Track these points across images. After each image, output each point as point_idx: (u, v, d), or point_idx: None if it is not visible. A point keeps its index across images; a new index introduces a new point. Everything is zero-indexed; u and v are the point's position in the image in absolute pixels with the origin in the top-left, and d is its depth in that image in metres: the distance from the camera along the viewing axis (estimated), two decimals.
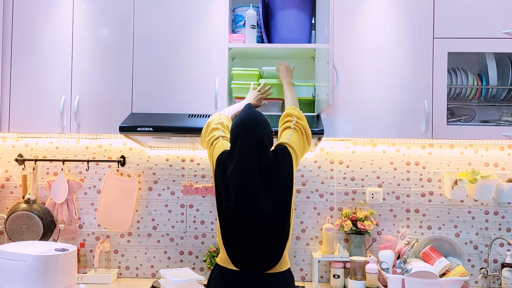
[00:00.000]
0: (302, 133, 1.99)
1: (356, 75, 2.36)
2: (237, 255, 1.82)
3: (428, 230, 2.65)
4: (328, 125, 2.35)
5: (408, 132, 2.35)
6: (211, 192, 2.70)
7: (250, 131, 1.82)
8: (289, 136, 1.95)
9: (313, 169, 2.69)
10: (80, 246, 2.66)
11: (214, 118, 2.05)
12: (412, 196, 2.67)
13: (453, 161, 2.66)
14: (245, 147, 1.80)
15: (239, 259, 1.82)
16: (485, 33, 2.33)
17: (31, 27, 2.47)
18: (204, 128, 2.05)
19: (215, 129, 2.00)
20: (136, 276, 2.72)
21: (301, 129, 1.99)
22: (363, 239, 2.55)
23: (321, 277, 2.65)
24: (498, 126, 2.38)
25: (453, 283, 2.29)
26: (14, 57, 2.47)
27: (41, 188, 2.75)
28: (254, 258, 1.81)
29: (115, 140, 2.74)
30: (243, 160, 1.79)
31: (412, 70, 2.35)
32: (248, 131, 1.82)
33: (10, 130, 2.46)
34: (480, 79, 2.48)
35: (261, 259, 1.81)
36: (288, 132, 1.97)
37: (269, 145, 1.86)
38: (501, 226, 2.63)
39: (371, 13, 2.37)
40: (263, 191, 1.78)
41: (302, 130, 1.99)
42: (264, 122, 1.86)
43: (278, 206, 1.81)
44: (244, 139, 1.81)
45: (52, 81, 2.45)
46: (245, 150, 1.79)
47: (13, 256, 2.11)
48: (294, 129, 1.97)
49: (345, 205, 2.68)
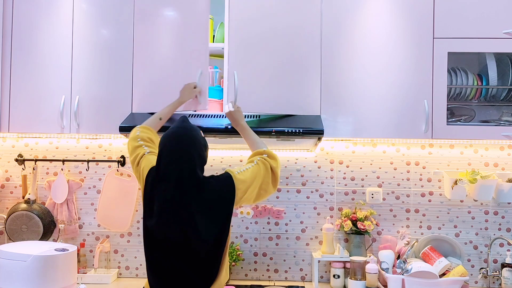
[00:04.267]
0: (267, 171, 1.84)
1: (356, 75, 2.37)
2: (161, 279, 1.68)
3: (428, 230, 2.65)
4: (328, 125, 2.35)
5: (408, 132, 2.35)
6: None
7: (178, 148, 1.68)
8: (244, 168, 1.81)
9: (313, 169, 2.70)
10: (80, 246, 2.66)
11: (132, 135, 1.92)
12: (412, 196, 2.67)
13: (453, 161, 2.66)
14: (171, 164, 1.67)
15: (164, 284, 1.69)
16: (485, 33, 2.34)
17: (31, 27, 2.47)
18: (128, 150, 1.92)
19: (137, 146, 1.88)
20: (136, 276, 2.72)
21: (268, 166, 1.85)
22: (363, 239, 2.55)
23: (321, 277, 2.65)
24: (498, 126, 2.38)
25: (453, 283, 2.30)
26: (14, 57, 2.47)
27: (41, 188, 2.75)
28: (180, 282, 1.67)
29: (115, 140, 2.74)
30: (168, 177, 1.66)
31: (412, 70, 2.35)
32: (176, 147, 1.68)
33: (10, 130, 2.46)
34: (480, 79, 2.48)
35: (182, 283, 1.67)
36: (246, 166, 1.84)
37: (199, 164, 1.71)
38: (501, 226, 2.63)
39: (371, 13, 2.37)
40: (188, 214, 1.64)
41: (269, 167, 1.85)
42: (193, 138, 1.71)
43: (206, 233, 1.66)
44: (170, 157, 1.68)
45: (52, 81, 2.45)
46: (170, 168, 1.67)
47: (13, 256, 2.11)
48: (256, 164, 1.83)
49: (345, 205, 2.68)
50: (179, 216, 1.65)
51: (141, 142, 1.89)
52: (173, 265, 1.67)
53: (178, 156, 1.67)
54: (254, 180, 1.80)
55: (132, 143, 1.91)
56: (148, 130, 1.97)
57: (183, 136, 1.70)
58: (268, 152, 1.90)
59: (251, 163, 1.86)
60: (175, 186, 1.65)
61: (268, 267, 2.69)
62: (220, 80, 2.51)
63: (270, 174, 1.87)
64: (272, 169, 1.87)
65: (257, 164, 1.85)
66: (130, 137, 1.95)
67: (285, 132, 2.21)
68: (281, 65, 2.37)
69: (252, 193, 1.81)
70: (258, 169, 1.83)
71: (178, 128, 1.73)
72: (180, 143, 1.69)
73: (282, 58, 2.38)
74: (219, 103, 2.42)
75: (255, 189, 1.81)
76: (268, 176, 1.86)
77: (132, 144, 1.91)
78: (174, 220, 1.65)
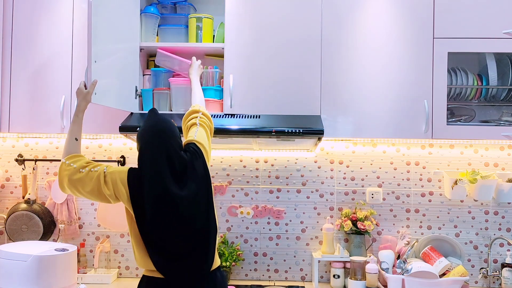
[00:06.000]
0: (206, 130, 1.98)
1: (356, 75, 2.37)
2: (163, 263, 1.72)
3: (428, 230, 2.65)
4: (328, 125, 2.35)
5: (408, 132, 2.35)
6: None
7: (157, 143, 1.75)
8: (196, 132, 1.93)
9: (313, 169, 2.70)
10: (80, 246, 2.66)
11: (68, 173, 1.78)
12: (412, 196, 2.67)
13: (453, 161, 2.66)
14: (154, 159, 1.73)
15: (167, 266, 1.72)
16: (485, 33, 2.34)
17: (31, 27, 2.47)
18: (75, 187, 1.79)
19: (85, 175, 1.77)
20: (136, 276, 2.72)
21: (207, 125, 2.00)
22: (363, 239, 2.55)
23: (321, 277, 2.65)
24: (498, 126, 2.38)
25: (453, 283, 2.30)
26: (14, 57, 2.47)
27: (41, 188, 2.75)
28: (183, 263, 1.72)
29: (115, 140, 2.74)
30: (154, 169, 1.72)
31: (412, 70, 2.35)
32: (155, 142, 1.75)
33: (10, 130, 2.46)
34: (480, 79, 2.48)
35: (190, 262, 1.73)
36: (194, 129, 1.95)
37: (179, 148, 1.80)
38: (501, 226, 2.63)
39: (371, 13, 2.37)
40: (181, 194, 1.72)
41: (207, 127, 1.99)
42: (170, 130, 1.78)
43: (199, 204, 1.76)
44: (152, 153, 1.74)
45: (52, 81, 2.45)
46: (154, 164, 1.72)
47: (13, 256, 2.11)
48: (200, 125, 1.97)
49: (345, 205, 2.68)
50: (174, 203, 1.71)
51: (84, 170, 1.78)
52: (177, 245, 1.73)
53: (159, 150, 1.74)
54: (206, 141, 1.95)
55: (77, 177, 1.77)
56: (76, 157, 1.83)
57: (159, 132, 1.77)
58: (203, 111, 2.03)
59: (194, 125, 1.98)
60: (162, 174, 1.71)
61: (268, 267, 2.69)
62: (220, 80, 2.51)
63: (209, 133, 2.01)
64: (210, 128, 2.03)
65: (201, 126, 1.98)
66: (67, 174, 1.78)
67: (285, 132, 2.21)
68: (281, 65, 2.38)
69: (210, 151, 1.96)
70: (204, 130, 1.98)
71: (155, 122, 1.79)
72: (160, 137, 1.76)
73: (282, 58, 2.38)
74: (219, 103, 2.42)
75: (210, 147, 1.97)
76: (209, 135, 2.01)
77: (77, 178, 1.77)
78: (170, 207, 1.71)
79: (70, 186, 1.78)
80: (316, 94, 2.37)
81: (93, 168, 1.78)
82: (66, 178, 1.78)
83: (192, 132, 1.94)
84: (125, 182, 1.74)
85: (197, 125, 1.97)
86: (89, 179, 1.76)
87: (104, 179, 1.75)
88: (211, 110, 2.41)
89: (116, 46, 2.23)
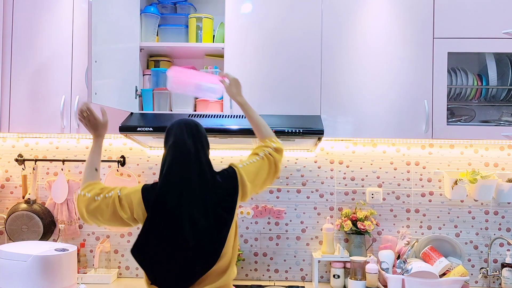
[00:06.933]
0: (270, 166, 1.82)
1: (356, 75, 2.37)
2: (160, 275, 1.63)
3: (428, 230, 2.65)
4: (328, 125, 2.35)
5: (408, 132, 2.35)
6: None
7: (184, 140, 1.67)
8: (248, 162, 1.78)
9: (313, 169, 2.70)
10: (80, 246, 2.66)
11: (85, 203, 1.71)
12: (412, 196, 2.67)
13: (453, 161, 2.66)
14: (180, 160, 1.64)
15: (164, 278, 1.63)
16: (485, 33, 2.34)
17: (31, 27, 2.47)
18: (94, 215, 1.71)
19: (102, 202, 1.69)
20: (136, 276, 2.72)
21: (272, 162, 1.82)
22: (363, 239, 2.55)
23: (321, 277, 2.65)
24: (498, 126, 2.38)
25: (453, 283, 2.29)
26: (14, 57, 2.47)
27: (41, 188, 2.75)
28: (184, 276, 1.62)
29: (115, 140, 2.74)
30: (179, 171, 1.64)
31: (412, 70, 2.35)
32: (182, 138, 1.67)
33: (10, 130, 2.46)
34: (480, 79, 2.48)
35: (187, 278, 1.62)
36: (251, 158, 1.81)
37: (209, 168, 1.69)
38: (501, 226, 2.63)
39: (371, 13, 2.37)
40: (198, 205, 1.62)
41: (273, 163, 1.82)
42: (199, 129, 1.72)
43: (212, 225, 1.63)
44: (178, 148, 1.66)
45: (52, 81, 2.45)
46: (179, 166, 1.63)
47: (13, 256, 2.11)
48: (261, 158, 1.81)
49: (345, 205, 2.68)
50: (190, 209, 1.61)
51: (99, 197, 1.70)
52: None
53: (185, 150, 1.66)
54: (256, 176, 1.78)
55: (93, 207, 1.70)
56: (91, 185, 1.76)
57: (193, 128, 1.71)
58: (276, 142, 1.86)
59: (256, 155, 1.82)
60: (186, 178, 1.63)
61: (268, 267, 2.69)
62: None
63: (273, 169, 1.84)
64: (276, 163, 1.84)
65: (263, 159, 1.81)
66: (84, 205, 1.71)
67: (285, 132, 2.21)
68: (281, 65, 2.38)
69: (254, 188, 1.79)
70: (263, 164, 1.80)
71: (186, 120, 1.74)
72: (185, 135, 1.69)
73: (282, 58, 2.38)
74: (219, 103, 2.42)
75: (257, 184, 1.80)
76: (271, 171, 1.83)
77: (94, 207, 1.70)
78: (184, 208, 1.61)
79: (90, 216, 1.70)
80: (316, 94, 2.37)
81: (107, 194, 1.70)
82: (84, 210, 1.71)
83: (248, 159, 1.80)
84: (140, 201, 1.67)
85: (258, 155, 1.81)
86: (105, 206, 1.68)
87: (119, 202, 1.68)
88: (211, 110, 2.42)
89: (116, 46, 2.23)
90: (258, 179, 1.79)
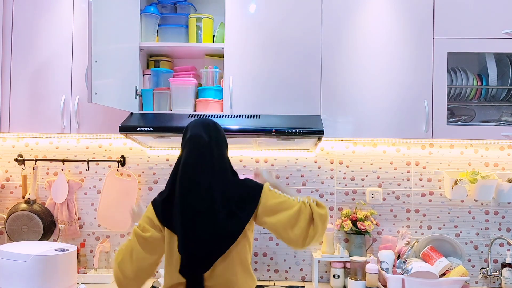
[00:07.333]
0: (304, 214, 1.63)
1: (356, 75, 2.37)
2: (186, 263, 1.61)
3: (428, 230, 2.65)
4: (328, 125, 2.35)
5: (408, 132, 2.35)
6: None
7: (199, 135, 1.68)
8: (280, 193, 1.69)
9: (313, 169, 2.69)
10: (80, 246, 2.66)
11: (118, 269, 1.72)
12: (412, 196, 2.67)
13: (453, 161, 2.66)
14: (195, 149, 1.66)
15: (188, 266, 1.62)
16: (485, 33, 2.34)
17: (31, 27, 2.47)
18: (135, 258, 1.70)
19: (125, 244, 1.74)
20: None
21: (308, 211, 1.63)
22: (363, 239, 2.55)
23: (321, 277, 2.65)
24: (498, 126, 2.38)
25: (453, 283, 2.29)
26: (14, 57, 2.47)
27: (41, 188, 2.75)
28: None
29: (115, 140, 2.74)
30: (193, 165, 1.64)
31: (412, 70, 2.35)
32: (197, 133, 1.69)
33: (10, 130, 2.46)
34: (480, 79, 2.48)
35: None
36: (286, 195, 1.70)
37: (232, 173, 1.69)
38: (501, 226, 2.63)
39: (371, 13, 2.37)
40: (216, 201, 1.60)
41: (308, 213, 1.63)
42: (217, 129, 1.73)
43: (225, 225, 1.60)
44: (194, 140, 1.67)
45: (52, 81, 2.45)
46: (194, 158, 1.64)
47: (13, 256, 2.11)
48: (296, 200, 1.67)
49: (345, 205, 2.68)
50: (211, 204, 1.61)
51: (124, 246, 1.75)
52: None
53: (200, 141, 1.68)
54: (281, 210, 1.65)
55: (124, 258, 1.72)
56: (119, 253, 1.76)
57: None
58: (316, 200, 1.69)
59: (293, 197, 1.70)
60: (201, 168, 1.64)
61: (268, 267, 2.69)
62: (220, 80, 2.51)
63: (306, 220, 1.63)
64: (313, 214, 1.64)
65: (297, 201, 1.67)
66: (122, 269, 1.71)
67: (285, 132, 2.21)
68: (281, 65, 2.38)
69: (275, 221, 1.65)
70: (295, 205, 1.65)
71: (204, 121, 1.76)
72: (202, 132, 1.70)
73: (282, 58, 2.38)
74: (219, 103, 2.42)
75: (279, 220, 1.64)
76: (302, 220, 1.63)
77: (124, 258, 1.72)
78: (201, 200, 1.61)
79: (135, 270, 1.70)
80: (316, 94, 2.37)
81: (129, 238, 1.75)
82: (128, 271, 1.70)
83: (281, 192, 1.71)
84: (153, 215, 1.70)
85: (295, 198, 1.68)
86: (133, 244, 1.71)
87: (139, 229, 1.71)
88: (211, 110, 2.42)
89: (116, 46, 2.23)
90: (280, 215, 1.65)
